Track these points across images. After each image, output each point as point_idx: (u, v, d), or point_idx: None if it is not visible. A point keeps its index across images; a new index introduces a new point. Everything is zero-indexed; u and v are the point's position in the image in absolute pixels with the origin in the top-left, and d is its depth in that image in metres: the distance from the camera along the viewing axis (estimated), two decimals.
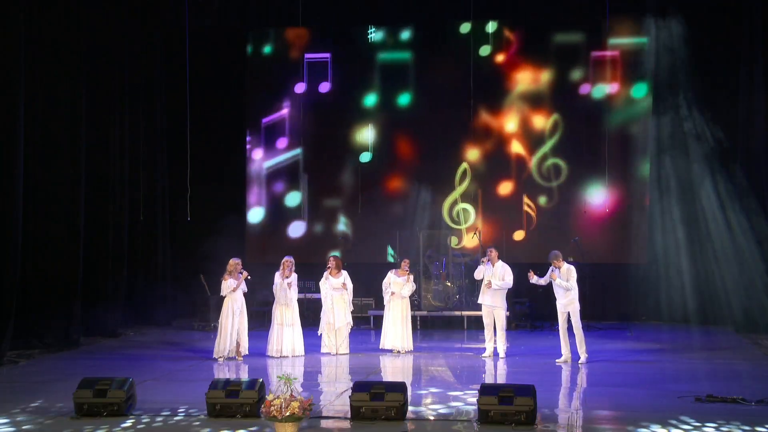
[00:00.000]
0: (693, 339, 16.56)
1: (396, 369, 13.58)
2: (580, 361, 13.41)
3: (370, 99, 20.09)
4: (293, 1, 18.14)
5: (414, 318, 16.25)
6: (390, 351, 14.69)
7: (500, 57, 19.69)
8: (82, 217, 15.76)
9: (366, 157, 19.99)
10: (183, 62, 17.65)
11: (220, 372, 13.07)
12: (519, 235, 19.58)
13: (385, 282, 14.81)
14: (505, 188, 19.75)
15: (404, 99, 20.04)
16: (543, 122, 19.62)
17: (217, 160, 19.73)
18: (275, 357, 14.13)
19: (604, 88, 19.39)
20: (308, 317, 16.58)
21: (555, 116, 19.54)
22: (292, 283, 14.25)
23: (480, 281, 14.43)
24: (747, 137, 17.79)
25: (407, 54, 20.03)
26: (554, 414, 9.94)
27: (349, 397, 9.58)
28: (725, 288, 17.71)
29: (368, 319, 18.39)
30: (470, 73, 19.04)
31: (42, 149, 15.19)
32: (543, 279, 13.83)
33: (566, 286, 13.51)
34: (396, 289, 14.69)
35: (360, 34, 19.98)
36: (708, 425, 9.16)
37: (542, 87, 19.64)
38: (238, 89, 20.37)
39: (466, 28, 19.55)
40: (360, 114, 20.02)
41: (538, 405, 9.34)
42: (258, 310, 16.65)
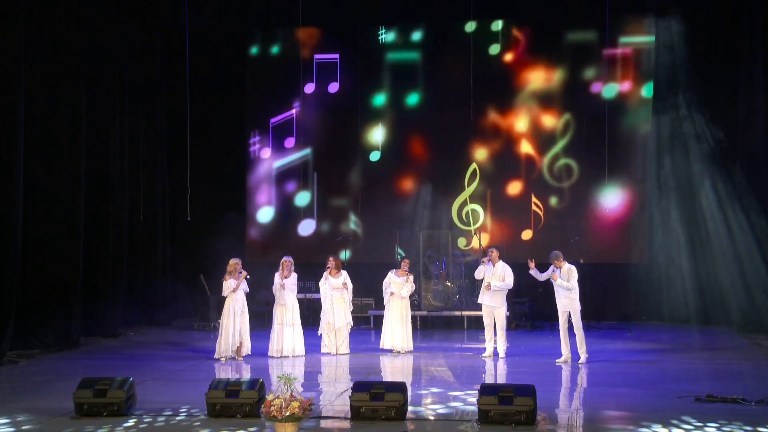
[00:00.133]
0: (693, 339, 16.54)
1: (396, 369, 13.58)
2: (580, 361, 13.42)
3: (379, 99, 20.05)
4: (293, 1, 18.13)
5: (414, 318, 16.25)
6: (390, 351, 14.69)
7: (509, 56, 19.64)
8: (82, 217, 15.76)
9: (375, 156, 19.98)
10: (183, 62, 17.66)
11: (221, 372, 13.07)
12: (527, 235, 19.57)
13: (386, 282, 14.80)
14: (514, 188, 19.70)
15: (413, 99, 20.03)
16: (552, 121, 19.55)
17: (217, 160, 19.72)
18: (276, 357, 14.14)
19: (615, 87, 19.30)
20: (308, 317, 16.57)
21: (567, 116, 19.43)
22: (286, 284, 14.26)
23: (480, 281, 14.43)
24: (747, 137, 17.78)
25: (416, 54, 19.99)
26: (554, 414, 9.94)
27: (349, 397, 9.58)
28: (725, 288, 17.72)
29: (368, 319, 18.38)
30: (478, 73, 19.06)
31: (42, 149, 15.18)
32: (542, 275, 13.80)
33: (567, 286, 13.50)
34: (396, 289, 14.68)
35: (368, 35, 19.93)
36: (710, 425, 9.16)
37: (551, 86, 19.54)
38: (238, 89, 20.35)
39: (471, 27, 19.49)
40: (369, 114, 19.97)
41: (538, 405, 9.34)
42: (258, 310, 16.64)
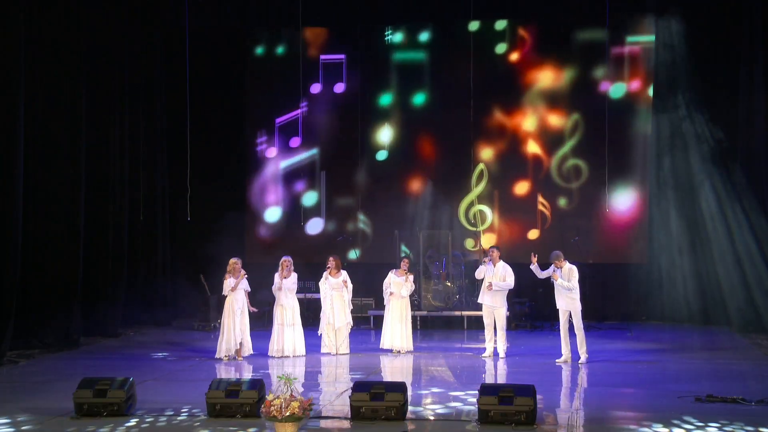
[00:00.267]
0: (693, 339, 16.56)
1: (396, 369, 13.58)
2: (580, 361, 13.41)
3: (386, 99, 20.05)
4: (294, 2, 18.13)
5: (414, 318, 16.24)
6: (390, 351, 14.69)
7: (514, 55, 19.63)
8: (82, 217, 15.75)
9: (382, 155, 19.96)
10: (183, 62, 17.64)
11: (221, 372, 13.07)
12: (533, 234, 19.56)
13: (386, 282, 14.80)
14: (521, 188, 19.69)
15: (419, 98, 20.01)
16: (559, 121, 19.51)
17: (217, 160, 19.71)
18: (276, 357, 14.14)
19: (623, 87, 19.27)
20: (308, 317, 16.56)
21: (575, 116, 19.37)
22: (285, 284, 14.23)
23: (480, 281, 14.42)
24: (747, 137, 17.77)
25: (422, 54, 19.97)
26: (554, 414, 9.94)
27: (349, 397, 9.58)
28: (725, 288, 17.72)
29: (368, 319, 18.38)
30: (485, 72, 19.06)
31: (42, 149, 15.17)
32: (543, 272, 13.80)
33: (568, 286, 13.49)
34: (395, 289, 14.68)
35: (374, 35, 19.91)
36: (711, 425, 9.15)
37: (558, 85, 19.50)
38: (238, 89, 20.36)
39: (475, 26, 19.47)
40: (375, 114, 19.96)
41: (538, 405, 9.34)
42: (258, 310, 16.61)
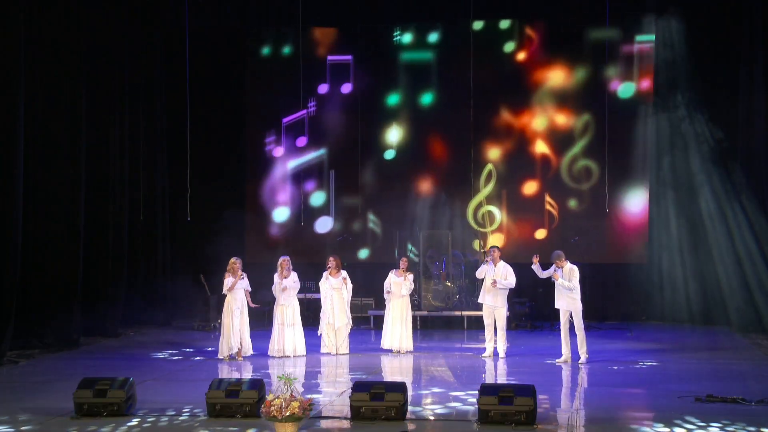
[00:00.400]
0: (693, 339, 16.56)
1: (396, 369, 13.58)
2: (580, 361, 13.41)
3: (393, 98, 20.04)
4: (294, 2, 18.12)
5: (414, 318, 16.22)
6: (390, 351, 14.69)
7: (522, 54, 19.61)
8: (82, 217, 15.75)
9: (390, 155, 19.95)
10: (183, 62, 17.62)
11: (221, 372, 13.07)
12: (541, 234, 19.55)
13: (387, 282, 14.79)
14: (530, 188, 19.67)
15: (427, 98, 20.00)
16: (567, 120, 19.48)
17: (217, 160, 19.71)
18: (276, 357, 14.14)
19: (632, 86, 19.24)
20: (308, 317, 16.56)
21: (586, 116, 19.30)
22: (286, 284, 14.24)
23: (481, 281, 14.42)
24: (747, 137, 17.76)
25: (429, 54, 19.95)
26: (554, 414, 9.94)
27: (349, 397, 9.58)
28: (725, 288, 17.73)
29: (368, 319, 18.39)
30: (493, 72, 19.06)
31: (42, 149, 15.17)
32: (544, 272, 13.80)
33: (568, 286, 13.49)
34: (395, 289, 14.68)
35: (382, 35, 19.90)
36: (712, 425, 9.14)
37: (566, 84, 19.47)
38: (238, 89, 20.36)
39: (480, 26, 19.46)
40: (383, 113, 19.95)
41: (538, 405, 9.34)
42: (258, 310, 16.62)
